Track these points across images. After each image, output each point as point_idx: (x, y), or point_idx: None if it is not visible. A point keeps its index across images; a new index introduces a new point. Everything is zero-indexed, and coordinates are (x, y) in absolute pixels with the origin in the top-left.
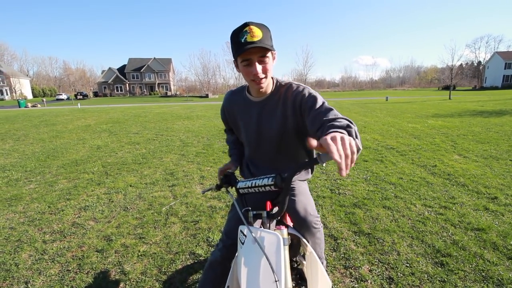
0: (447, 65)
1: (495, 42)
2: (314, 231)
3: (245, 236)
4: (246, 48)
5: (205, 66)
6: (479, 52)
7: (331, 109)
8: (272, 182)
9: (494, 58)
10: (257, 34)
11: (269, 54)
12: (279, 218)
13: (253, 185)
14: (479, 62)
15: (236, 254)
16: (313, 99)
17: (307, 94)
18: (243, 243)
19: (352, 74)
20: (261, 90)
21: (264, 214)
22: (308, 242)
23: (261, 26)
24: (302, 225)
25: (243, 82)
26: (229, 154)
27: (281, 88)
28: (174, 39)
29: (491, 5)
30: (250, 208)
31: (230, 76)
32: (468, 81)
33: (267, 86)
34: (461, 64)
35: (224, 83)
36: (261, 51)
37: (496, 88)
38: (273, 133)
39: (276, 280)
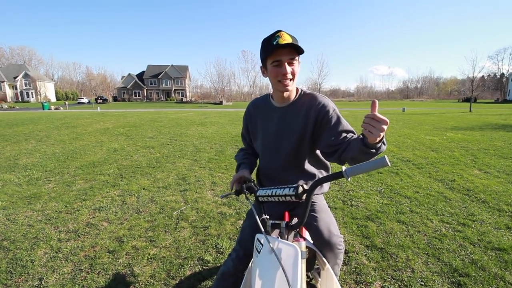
0: (467, 76)
1: None
2: (337, 253)
3: (262, 245)
4: (278, 46)
5: (220, 73)
6: (502, 64)
7: (352, 131)
8: (294, 193)
9: None
10: (288, 38)
11: (297, 59)
12: (297, 230)
13: (274, 194)
14: (502, 74)
15: (251, 263)
16: (338, 118)
17: (331, 111)
18: (259, 252)
19: (367, 84)
20: (285, 93)
21: (283, 224)
22: (327, 261)
23: (291, 34)
24: (325, 246)
25: (257, 90)
26: (239, 162)
27: (304, 96)
28: (192, 46)
29: None
30: (268, 217)
31: (245, 84)
32: (490, 94)
33: (291, 92)
34: (482, 76)
35: (238, 91)
36: (291, 53)
37: None
38: (292, 138)
39: None
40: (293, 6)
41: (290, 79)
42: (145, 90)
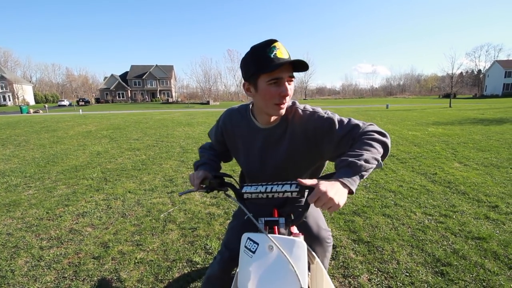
0: (447, 73)
1: (495, 50)
2: (326, 246)
3: (257, 244)
4: (282, 63)
5: (206, 73)
6: (479, 61)
7: (356, 125)
8: (297, 189)
9: (494, 67)
10: (285, 51)
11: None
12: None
13: (268, 190)
14: (479, 71)
15: (239, 266)
16: (329, 121)
17: (319, 119)
18: (254, 252)
19: (352, 82)
20: (272, 118)
21: (282, 221)
22: (317, 255)
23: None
24: (314, 241)
25: (243, 89)
26: (203, 161)
27: (288, 113)
28: (176, 46)
29: (491, 15)
30: (253, 214)
31: (231, 83)
32: (468, 89)
33: None
34: (461, 73)
35: (225, 90)
36: (291, 71)
37: (496, 96)
38: (278, 165)
39: (302, 287)
40: (277, 5)
41: (287, 102)
42: (129, 91)
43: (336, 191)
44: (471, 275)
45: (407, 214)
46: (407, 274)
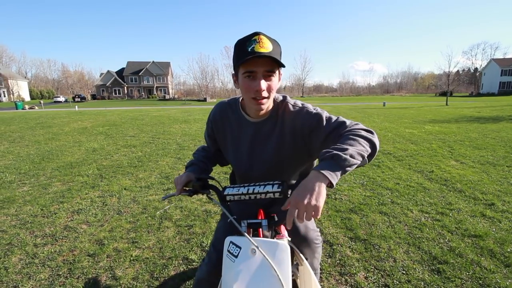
0: (444, 71)
1: (492, 49)
2: (314, 247)
3: (240, 247)
4: (252, 56)
5: (203, 70)
6: (475, 59)
7: (343, 122)
8: (279, 190)
9: (491, 65)
10: (267, 45)
11: (276, 71)
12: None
13: (250, 191)
14: (476, 69)
15: (222, 271)
16: (317, 117)
17: (307, 114)
18: (236, 256)
19: (349, 79)
20: (260, 112)
21: (265, 222)
22: (306, 256)
23: (272, 39)
24: (302, 242)
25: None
26: (193, 161)
27: (278, 108)
28: (173, 43)
29: (488, 13)
30: (235, 217)
31: (229, 80)
32: (465, 88)
33: (268, 107)
34: (458, 71)
35: (222, 87)
36: (269, 65)
37: (492, 94)
38: (266, 160)
39: None
40: (275, 3)
41: (266, 97)
42: (125, 87)
43: (310, 191)
44: (467, 273)
45: (403, 212)
46: (404, 272)
